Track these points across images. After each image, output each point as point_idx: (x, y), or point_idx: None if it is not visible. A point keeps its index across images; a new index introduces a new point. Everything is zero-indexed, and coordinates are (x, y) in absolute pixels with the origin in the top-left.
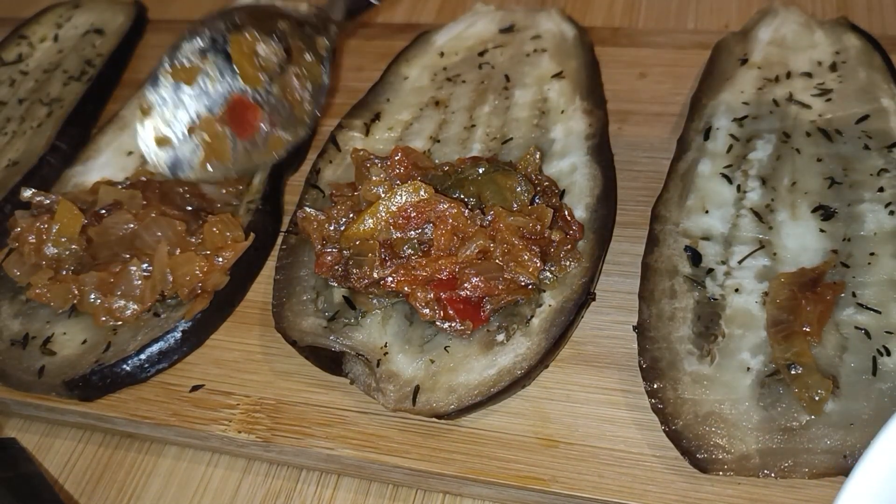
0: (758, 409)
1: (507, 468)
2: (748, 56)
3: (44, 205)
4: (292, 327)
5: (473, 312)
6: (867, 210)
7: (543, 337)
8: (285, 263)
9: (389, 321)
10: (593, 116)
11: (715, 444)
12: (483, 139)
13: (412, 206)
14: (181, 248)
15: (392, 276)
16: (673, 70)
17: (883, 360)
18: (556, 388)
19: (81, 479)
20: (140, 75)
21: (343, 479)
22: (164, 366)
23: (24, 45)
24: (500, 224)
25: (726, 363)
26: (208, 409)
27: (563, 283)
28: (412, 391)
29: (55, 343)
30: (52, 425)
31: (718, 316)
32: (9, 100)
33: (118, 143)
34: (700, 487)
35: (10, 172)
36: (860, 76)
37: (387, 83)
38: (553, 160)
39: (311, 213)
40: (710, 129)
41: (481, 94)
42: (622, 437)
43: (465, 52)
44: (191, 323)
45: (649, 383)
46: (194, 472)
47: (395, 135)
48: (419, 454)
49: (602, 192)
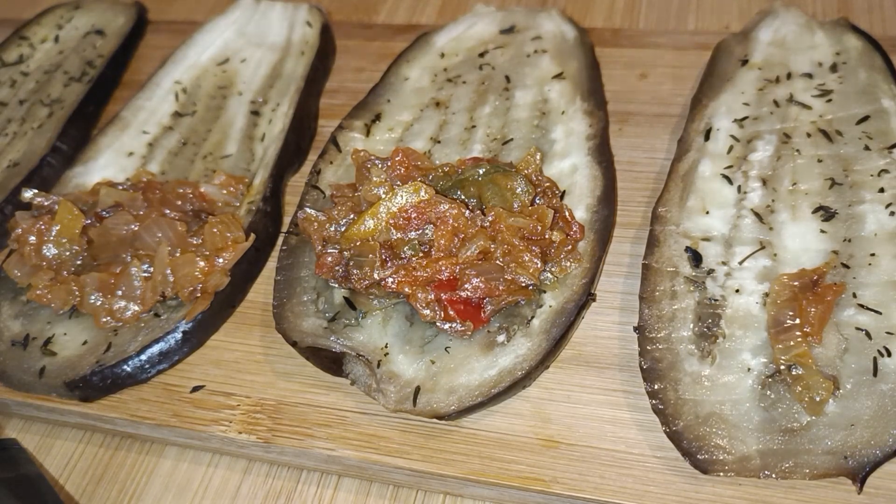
0: (758, 409)
1: (508, 469)
2: (749, 57)
3: (44, 206)
4: (293, 328)
5: (474, 313)
6: (868, 211)
7: (544, 338)
8: (286, 264)
9: (390, 322)
10: (594, 117)
11: (716, 445)
12: (483, 140)
13: (413, 207)
14: (182, 249)
15: (393, 276)
16: (673, 71)
17: (884, 361)
18: (557, 389)
19: (82, 479)
20: (140, 76)
21: (343, 479)
22: (165, 366)
23: (25, 46)
24: (500, 225)
25: (727, 364)
26: (209, 409)
27: (563, 283)
28: (413, 392)
29: (56, 344)
30: (53, 426)
31: (719, 317)
32: (9, 101)
33: (119, 144)
34: (701, 488)
35: (10, 173)
36: (861, 77)
37: (387, 84)
38: (553, 161)
39: (311, 214)
40: (710, 130)
41: (482, 95)
42: (623, 438)
43: (465, 53)
44: (191, 324)
45: (650, 384)
46: (195, 472)
47: (395, 136)
48: (420, 455)
49: (602, 193)
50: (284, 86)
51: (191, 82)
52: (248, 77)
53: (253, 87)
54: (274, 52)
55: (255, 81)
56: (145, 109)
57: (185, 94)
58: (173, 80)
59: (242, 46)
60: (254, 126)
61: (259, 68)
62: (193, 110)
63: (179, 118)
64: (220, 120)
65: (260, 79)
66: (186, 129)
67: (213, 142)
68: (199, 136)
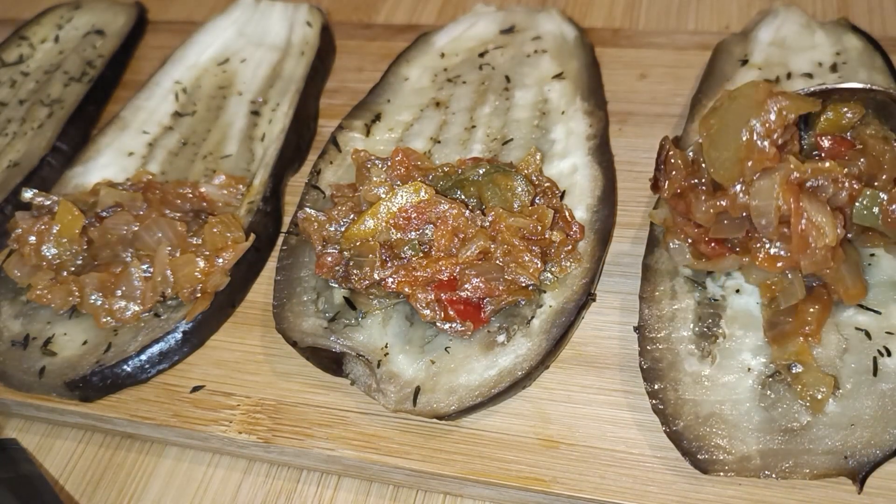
0: (759, 409)
1: (508, 469)
2: (749, 57)
3: (44, 206)
4: (293, 328)
5: (474, 313)
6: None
7: (544, 338)
8: (286, 264)
9: (390, 322)
10: (594, 117)
11: (716, 445)
12: (483, 140)
13: (413, 207)
14: (182, 249)
15: (393, 276)
16: (673, 71)
17: (883, 361)
18: (557, 389)
19: (82, 479)
20: (140, 76)
21: (344, 479)
22: (165, 366)
23: (25, 46)
24: (500, 225)
25: (727, 364)
26: (209, 409)
27: (563, 283)
28: (413, 392)
29: (56, 344)
30: (53, 426)
31: (719, 317)
32: (9, 101)
33: (119, 144)
34: (701, 488)
35: (10, 173)
36: (861, 77)
37: (387, 84)
38: (553, 161)
39: (311, 214)
40: None
41: (482, 95)
42: (623, 438)
43: (465, 53)
44: (191, 324)
45: (650, 384)
46: (195, 472)
47: (395, 136)
48: (420, 455)
49: (602, 193)
50: (284, 86)
51: (191, 82)
52: (248, 77)
53: (253, 87)
54: (274, 52)
55: (255, 81)
56: (145, 109)
57: (185, 94)
58: (173, 80)
59: (242, 46)
60: (254, 126)
61: (259, 68)
62: (193, 110)
63: (179, 118)
64: (220, 120)
65: (260, 79)
66: (186, 129)
67: (213, 142)
68: (199, 136)
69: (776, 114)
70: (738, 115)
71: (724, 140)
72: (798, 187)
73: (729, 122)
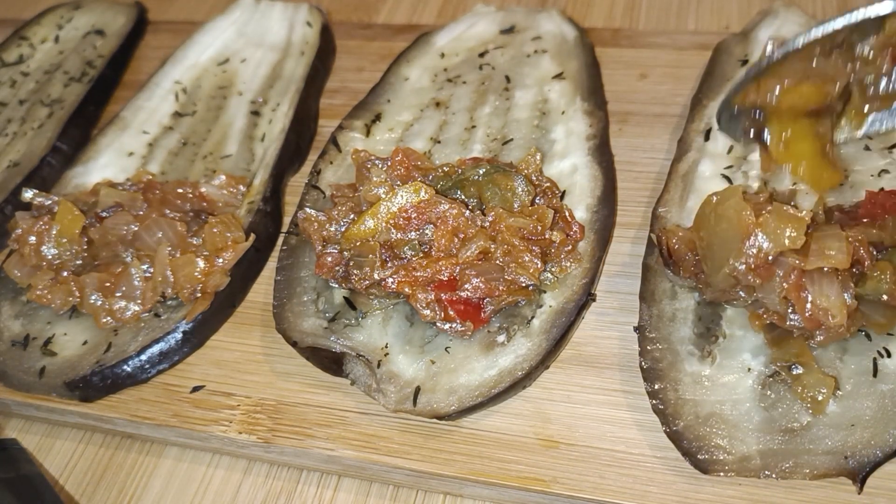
0: (759, 409)
1: (508, 469)
2: (749, 57)
3: (44, 206)
4: (293, 328)
5: (474, 313)
6: None
7: (544, 338)
8: (286, 264)
9: (390, 322)
10: (594, 117)
11: (716, 445)
12: (483, 140)
13: (413, 207)
14: (182, 249)
15: (393, 276)
16: (673, 71)
17: (883, 362)
18: (557, 389)
19: (82, 479)
20: (140, 76)
21: (344, 479)
22: (165, 366)
23: (25, 47)
24: (500, 225)
25: (727, 364)
26: (209, 409)
27: (563, 283)
28: (413, 392)
29: (56, 344)
30: (53, 426)
31: (719, 317)
32: (9, 101)
33: (119, 144)
34: (701, 488)
35: (10, 173)
36: None
37: (387, 84)
38: (554, 161)
39: (311, 214)
40: (710, 130)
41: (482, 95)
42: (623, 438)
43: (465, 53)
44: (191, 324)
45: (650, 384)
46: (195, 472)
47: (395, 136)
48: (420, 455)
49: (603, 193)
50: (284, 86)
51: (191, 82)
52: (248, 77)
53: (253, 87)
54: (274, 52)
55: (255, 81)
56: (145, 109)
57: (185, 94)
58: (173, 80)
59: (242, 46)
60: (254, 126)
61: (259, 68)
62: (193, 110)
63: (179, 118)
64: (220, 120)
65: (260, 79)
66: (186, 129)
67: (213, 142)
68: (199, 136)
69: (757, 249)
70: (723, 242)
71: (716, 261)
72: (801, 276)
73: (715, 247)
